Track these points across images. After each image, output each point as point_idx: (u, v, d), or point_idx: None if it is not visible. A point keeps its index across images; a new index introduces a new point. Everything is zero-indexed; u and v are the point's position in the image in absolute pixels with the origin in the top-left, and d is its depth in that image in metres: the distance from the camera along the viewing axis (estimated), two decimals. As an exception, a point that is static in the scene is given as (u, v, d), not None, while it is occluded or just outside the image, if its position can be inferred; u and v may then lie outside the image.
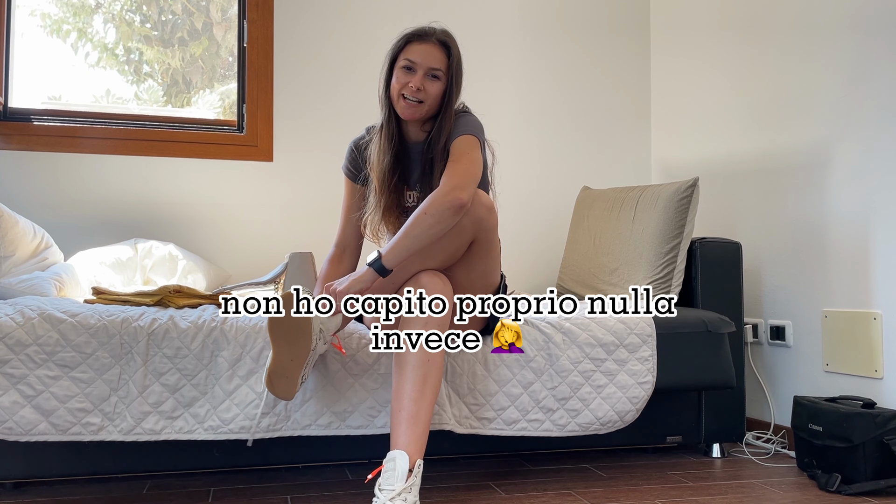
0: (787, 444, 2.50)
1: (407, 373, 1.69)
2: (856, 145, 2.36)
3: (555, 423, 2.01)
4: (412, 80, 1.90)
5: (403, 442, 1.64)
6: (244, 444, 1.99)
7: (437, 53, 1.92)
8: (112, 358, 1.79)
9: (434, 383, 1.70)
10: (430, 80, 1.91)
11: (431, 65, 1.91)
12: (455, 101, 1.96)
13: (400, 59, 1.93)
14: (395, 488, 1.57)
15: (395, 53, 1.95)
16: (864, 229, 2.33)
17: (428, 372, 1.69)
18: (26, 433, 1.73)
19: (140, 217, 2.83)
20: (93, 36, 3.68)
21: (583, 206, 2.89)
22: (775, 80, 2.69)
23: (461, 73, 1.97)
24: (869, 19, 2.33)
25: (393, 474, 1.59)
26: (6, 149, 2.72)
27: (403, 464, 1.60)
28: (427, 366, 1.69)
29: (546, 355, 2.02)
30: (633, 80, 3.42)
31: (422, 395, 1.67)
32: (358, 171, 2.08)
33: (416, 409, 1.66)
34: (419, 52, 1.91)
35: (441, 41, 1.93)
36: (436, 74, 1.91)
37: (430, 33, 1.93)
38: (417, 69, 1.91)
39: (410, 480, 1.59)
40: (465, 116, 1.97)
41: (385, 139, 1.98)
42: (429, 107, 1.93)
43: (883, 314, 2.25)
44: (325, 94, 3.06)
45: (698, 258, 2.45)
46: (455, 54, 1.94)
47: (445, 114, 1.93)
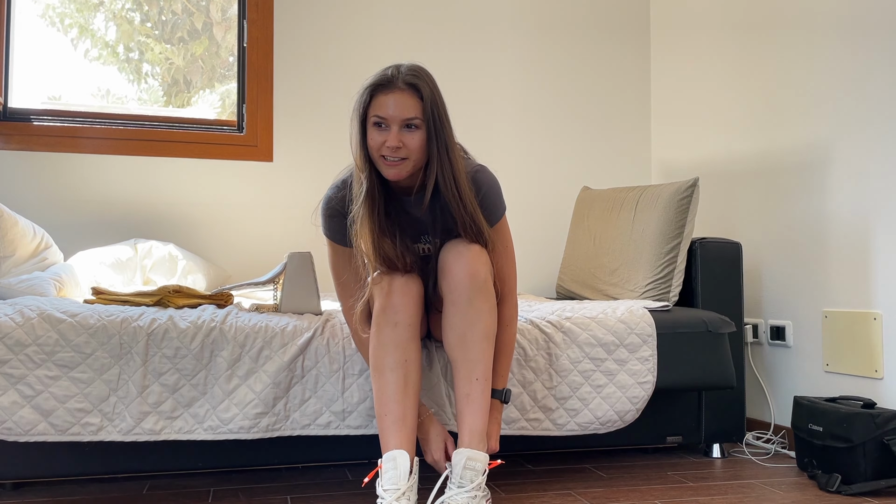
0: (787, 444, 2.50)
1: (387, 375, 1.69)
2: (856, 145, 2.36)
3: (554, 422, 2.01)
4: (387, 137, 1.65)
5: (397, 441, 1.64)
6: (244, 444, 1.99)
7: (407, 101, 1.65)
8: (111, 358, 1.79)
9: (414, 382, 1.70)
10: (408, 133, 1.66)
11: (404, 115, 1.64)
12: (447, 138, 1.69)
13: (370, 116, 1.67)
14: (399, 487, 1.57)
15: (363, 110, 1.68)
16: (864, 229, 2.32)
17: (408, 372, 1.69)
18: (25, 433, 1.73)
19: (140, 217, 2.83)
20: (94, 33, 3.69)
21: (583, 206, 2.89)
22: (775, 80, 2.69)
23: (442, 111, 1.68)
24: (869, 19, 2.33)
25: (395, 473, 1.59)
26: (6, 149, 2.72)
27: (405, 462, 1.60)
28: (406, 366, 1.69)
29: (546, 354, 2.02)
30: (633, 80, 3.42)
31: (405, 395, 1.68)
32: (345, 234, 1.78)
33: (401, 409, 1.67)
34: (386, 105, 1.65)
35: (409, 84, 1.65)
36: (411, 124, 1.65)
37: (393, 79, 1.66)
38: (391, 124, 1.65)
39: (412, 479, 1.59)
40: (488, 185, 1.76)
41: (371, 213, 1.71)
42: (414, 161, 1.68)
43: (883, 314, 2.25)
44: (325, 94, 3.06)
45: (698, 258, 2.45)
46: (427, 95, 1.65)
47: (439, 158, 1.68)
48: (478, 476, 1.62)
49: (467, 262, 1.69)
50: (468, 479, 1.61)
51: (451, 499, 1.60)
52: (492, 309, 1.71)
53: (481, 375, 1.69)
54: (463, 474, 1.62)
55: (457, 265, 1.70)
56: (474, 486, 1.61)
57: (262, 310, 2.03)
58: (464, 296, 1.68)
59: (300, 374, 1.87)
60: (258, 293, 2.62)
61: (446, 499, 1.61)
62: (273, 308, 2.05)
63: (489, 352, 1.70)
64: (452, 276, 1.70)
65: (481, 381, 1.68)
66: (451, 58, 3.21)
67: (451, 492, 1.61)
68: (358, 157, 1.71)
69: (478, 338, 1.69)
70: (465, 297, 1.68)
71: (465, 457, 1.63)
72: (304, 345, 1.87)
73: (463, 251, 1.71)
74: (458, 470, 1.62)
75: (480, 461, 1.63)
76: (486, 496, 1.66)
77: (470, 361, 1.69)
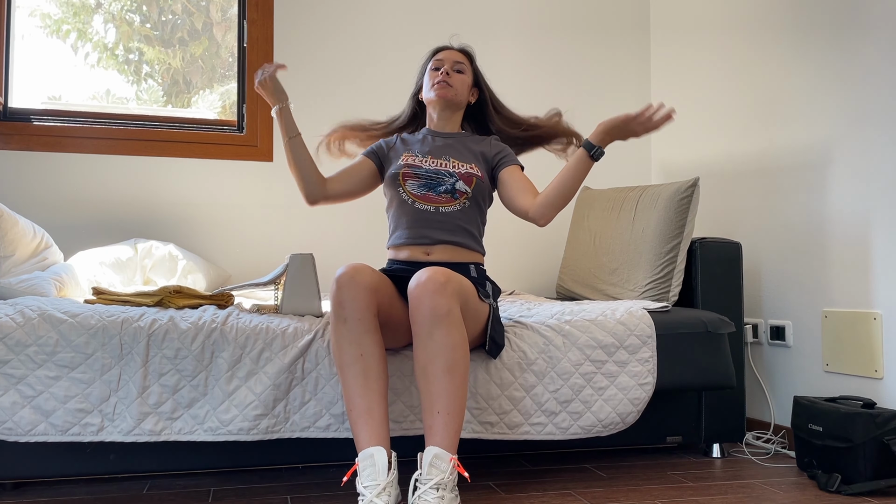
0: (787, 444, 2.50)
1: (346, 371, 1.70)
2: (856, 145, 2.36)
3: (557, 426, 2.00)
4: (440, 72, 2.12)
5: (367, 435, 1.64)
6: (244, 445, 1.99)
7: (458, 55, 2.18)
8: (112, 358, 1.79)
9: (376, 374, 1.70)
10: (456, 74, 2.14)
11: (456, 59, 2.16)
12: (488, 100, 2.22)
13: (429, 67, 2.17)
14: (378, 483, 1.58)
15: (424, 66, 2.20)
16: (864, 229, 2.33)
17: (366, 365, 1.69)
18: (26, 433, 1.73)
19: (140, 217, 2.83)
20: (93, 36, 3.68)
21: (583, 206, 2.89)
22: (775, 80, 2.69)
23: (484, 79, 2.23)
24: (869, 19, 2.33)
25: (374, 470, 1.60)
26: (6, 149, 2.72)
27: (382, 458, 1.61)
28: (363, 360, 1.69)
29: (547, 358, 2.02)
30: (633, 80, 3.42)
31: (366, 388, 1.68)
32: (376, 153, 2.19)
33: (365, 403, 1.67)
34: (443, 54, 2.17)
35: (461, 49, 2.20)
36: (460, 69, 2.15)
37: (451, 45, 2.22)
38: (444, 64, 2.14)
39: (392, 474, 1.60)
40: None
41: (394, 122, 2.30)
42: (456, 92, 2.13)
43: (883, 314, 2.25)
44: (325, 94, 3.06)
45: (698, 258, 2.45)
46: (473, 58, 2.22)
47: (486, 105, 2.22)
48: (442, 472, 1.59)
49: (430, 295, 1.67)
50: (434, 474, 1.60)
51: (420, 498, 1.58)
52: (455, 343, 1.66)
53: (443, 409, 1.65)
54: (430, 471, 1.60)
55: (421, 295, 1.68)
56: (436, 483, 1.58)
57: (263, 310, 2.04)
58: (424, 328, 1.67)
59: (300, 377, 1.87)
60: (259, 293, 2.62)
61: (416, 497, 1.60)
62: (274, 309, 2.06)
63: (452, 385, 1.66)
64: (415, 307, 1.69)
65: (442, 414, 1.65)
66: (451, 58, 3.21)
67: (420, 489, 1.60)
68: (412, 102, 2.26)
69: (439, 372, 1.66)
70: (425, 330, 1.67)
71: (432, 455, 1.61)
72: (305, 347, 1.87)
73: (427, 282, 1.68)
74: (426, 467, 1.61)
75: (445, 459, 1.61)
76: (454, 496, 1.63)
77: (431, 394, 1.66)
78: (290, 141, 2.05)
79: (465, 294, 1.77)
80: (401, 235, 2.04)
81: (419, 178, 2.04)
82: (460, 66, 2.15)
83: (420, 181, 2.04)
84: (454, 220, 2.02)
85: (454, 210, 2.02)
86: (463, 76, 2.15)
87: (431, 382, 1.66)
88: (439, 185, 2.02)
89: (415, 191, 2.03)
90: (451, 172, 2.04)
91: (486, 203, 2.12)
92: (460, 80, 2.14)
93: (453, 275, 1.74)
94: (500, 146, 2.16)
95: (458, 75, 2.14)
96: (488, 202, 2.13)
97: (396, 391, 1.92)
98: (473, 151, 2.12)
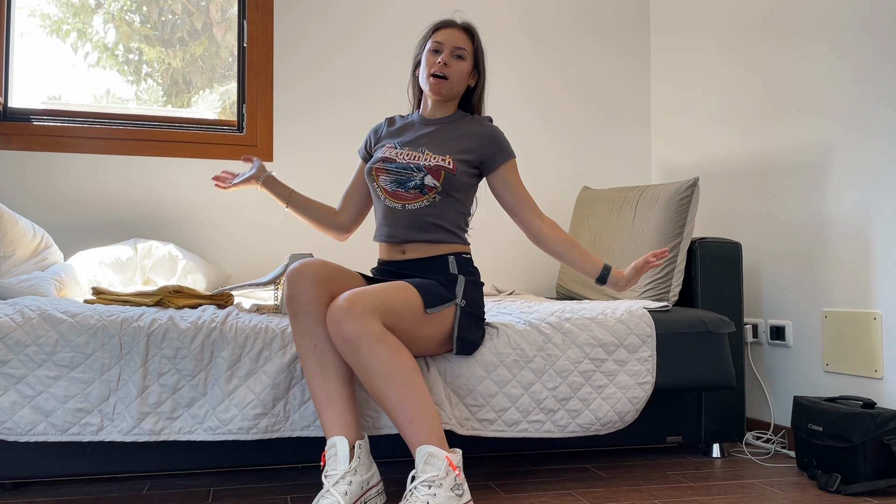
0: (787, 444, 2.50)
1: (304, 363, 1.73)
2: (856, 145, 2.36)
3: (556, 423, 2.00)
4: (439, 58, 2.00)
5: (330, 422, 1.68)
6: (244, 445, 1.99)
7: (461, 36, 2.04)
8: (112, 358, 1.79)
9: (333, 362, 1.71)
10: (456, 60, 2.01)
11: (456, 44, 2.02)
12: (482, 85, 2.09)
13: (427, 47, 2.04)
14: (337, 472, 1.61)
15: (423, 42, 2.07)
16: (864, 229, 2.33)
17: (321, 354, 1.71)
18: (26, 433, 1.73)
19: (140, 217, 2.83)
20: (92, 36, 3.68)
21: (583, 206, 2.89)
22: (775, 80, 2.69)
23: (484, 59, 2.09)
24: (869, 19, 2.33)
25: (335, 460, 1.63)
26: (6, 149, 2.72)
27: (343, 447, 1.64)
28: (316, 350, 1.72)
29: (546, 356, 2.02)
30: (633, 80, 3.42)
31: (324, 377, 1.70)
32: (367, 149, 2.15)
33: (325, 392, 1.69)
34: (444, 35, 2.03)
35: (465, 27, 2.06)
36: (461, 55, 2.02)
37: (454, 21, 2.08)
38: (444, 49, 2.01)
39: (354, 462, 1.62)
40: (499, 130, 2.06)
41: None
42: (452, 84, 2.01)
43: (883, 314, 2.25)
44: (325, 94, 3.06)
45: (698, 258, 2.45)
46: (478, 39, 2.08)
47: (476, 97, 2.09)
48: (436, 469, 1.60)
49: (337, 325, 1.66)
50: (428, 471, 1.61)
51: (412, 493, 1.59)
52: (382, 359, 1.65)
53: (405, 419, 1.65)
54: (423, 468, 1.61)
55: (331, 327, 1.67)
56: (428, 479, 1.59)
57: (263, 310, 2.04)
58: (348, 356, 1.67)
59: (300, 376, 1.87)
60: (259, 293, 2.62)
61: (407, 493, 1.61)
62: (273, 309, 2.06)
63: (401, 395, 1.65)
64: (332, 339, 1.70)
65: (412, 422, 1.65)
66: (450, 58, 3.21)
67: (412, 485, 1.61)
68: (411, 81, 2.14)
69: (382, 388, 1.65)
70: (349, 357, 1.67)
71: (426, 453, 1.62)
72: (304, 345, 1.87)
73: (333, 312, 1.67)
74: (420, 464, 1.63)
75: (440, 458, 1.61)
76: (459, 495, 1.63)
77: (389, 409, 1.67)
78: (290, 202, 2.10)
79: (388, 303, 1.72)
80: (378, 233, 2.02)
81: (390, 173, 1.97)
82: (460, 51, 2.01)
83: (391, 177, 1.97)
84: (422, 217, 1.94)
85: (422, 206, 1.94)
86: (462, 63, 2.02)
87: (382, 399, 1.67)
88: (409, 180, 1.95)
89: (386, 186, 1.97)
90: (419, 166, 1.94)
91: (465, 192, 2.00)
92: (458, 70, 2.01)
93: (363, 293, 1.69)
94: (489, 137, 2.01)
95: (457, 63, 2.01)
96: (468, 190, 2.02)
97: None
98: (457, 139, 2.01)
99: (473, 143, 1.99)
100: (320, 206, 2.13)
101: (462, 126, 2.03)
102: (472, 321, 1.92)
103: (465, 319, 1.90)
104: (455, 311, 1.88)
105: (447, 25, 2.05)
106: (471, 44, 2.05)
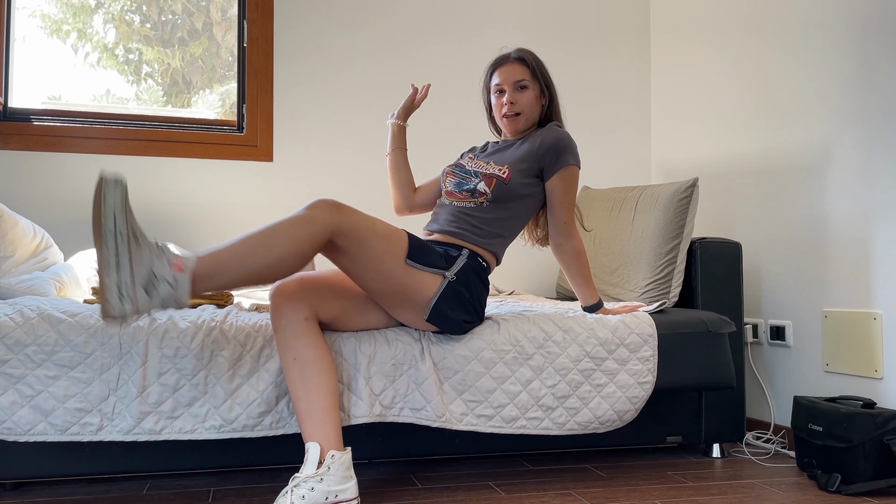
0: (787, 444, 2.50)
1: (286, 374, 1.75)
2: (856, 145, 2.36)
3: (554, 421, 2.00)
4: (504, 97, 2.11)
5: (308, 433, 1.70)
6: (244, 444, 1.99)
7: (517, 68, 2.11)
8: (111, 358, 1.79)
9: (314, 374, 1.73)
10: (520, 92, 2.10)
11: (515, 78, 2.10)
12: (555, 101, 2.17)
13: (492, 90, 2.15)
14: (300, 476, 1.63)
15: (486, 87, 2.18)
16: (864, 229, 2.33)
17: (302, 367, 1.72)
18: (25, 433, 1.73)
19: (140, 217, 2.83)
20: (92, 36, 3.69)
21: (582, 206, 2.89)
22: (775, 80, 2.69)
23: (548, 75, 2.14)
24: (869, 19, 2.33)
25: (304, 464, 1.66)
26: (6, 149, 2.72)
27: (315, 453, 1.66)
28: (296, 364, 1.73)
29: (545, 353, 2.02)
30: (633, 81, 3.43)
31: (305, 390, 1.72)
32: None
33: (304, 404, 1.71)
34: (502, 74, 2.12)
35: (517, 58, 2.13)
36: (523, 85, 2.10)
37: (506, 56, 2.14)
38: (505, 87, 2.11)
39: (322, 470, 1.64)
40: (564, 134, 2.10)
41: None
42: (526, 116, 2.12)
43: (883, 314, 2.25)
44: (325, 94, 3.07)
45: (698, 258, 2.45)
46: (532, 61, 2.12)
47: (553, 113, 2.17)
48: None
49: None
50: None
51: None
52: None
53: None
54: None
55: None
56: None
57: (262, 309, 2.04)
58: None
59: (300, 374, 1.87)
60: (258, 292, 2.61)
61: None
62: None
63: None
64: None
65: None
66: (451, 58, 3.21)
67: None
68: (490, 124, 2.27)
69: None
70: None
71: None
72: (304, 345, 1.87)
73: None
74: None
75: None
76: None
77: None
78: (395, 153, 2.27)
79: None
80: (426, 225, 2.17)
81: (455, 176, 2.12)
82: (522, 82, 2.09)
83: (455, 179, 2.11)
84: (462, 214, 2.04)
85: (467, 206, 2.05)
86: (528, 92, 2.10)
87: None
88: (466, 183, 2.07)
89: (448, 187, 2.12)
90: (478, 173, 2.06)
91: (519, 201, 2.05)
92: (526, 101, 2.10)
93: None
94: (546, 144, 2.05)
95: (523, 94, 2.10)
96: (523, 199, 2.06)
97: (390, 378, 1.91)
98: (521, 150, 2.08)
99: (533, 149, 2.07)
100: (409, 176, 2.30)
101: (530, 137, 2.12)
102: (459, 302, 1.89)
103: (451, 295, 1.87)
104: (441, 282, 1.86)
105: (500, 63, 2.14)
106: (528, 70, 2.11)
